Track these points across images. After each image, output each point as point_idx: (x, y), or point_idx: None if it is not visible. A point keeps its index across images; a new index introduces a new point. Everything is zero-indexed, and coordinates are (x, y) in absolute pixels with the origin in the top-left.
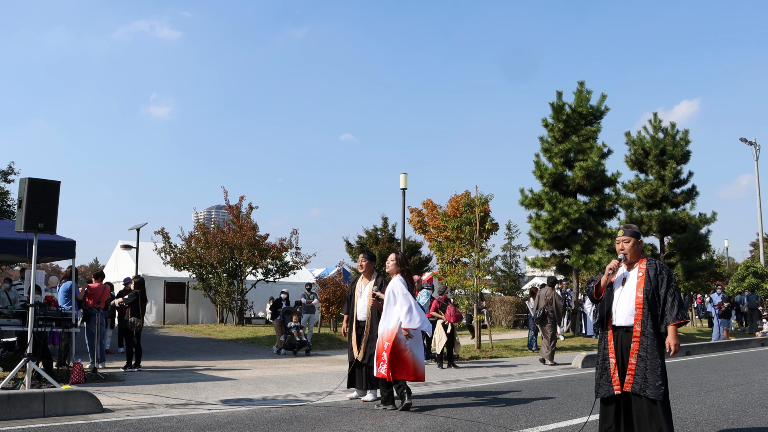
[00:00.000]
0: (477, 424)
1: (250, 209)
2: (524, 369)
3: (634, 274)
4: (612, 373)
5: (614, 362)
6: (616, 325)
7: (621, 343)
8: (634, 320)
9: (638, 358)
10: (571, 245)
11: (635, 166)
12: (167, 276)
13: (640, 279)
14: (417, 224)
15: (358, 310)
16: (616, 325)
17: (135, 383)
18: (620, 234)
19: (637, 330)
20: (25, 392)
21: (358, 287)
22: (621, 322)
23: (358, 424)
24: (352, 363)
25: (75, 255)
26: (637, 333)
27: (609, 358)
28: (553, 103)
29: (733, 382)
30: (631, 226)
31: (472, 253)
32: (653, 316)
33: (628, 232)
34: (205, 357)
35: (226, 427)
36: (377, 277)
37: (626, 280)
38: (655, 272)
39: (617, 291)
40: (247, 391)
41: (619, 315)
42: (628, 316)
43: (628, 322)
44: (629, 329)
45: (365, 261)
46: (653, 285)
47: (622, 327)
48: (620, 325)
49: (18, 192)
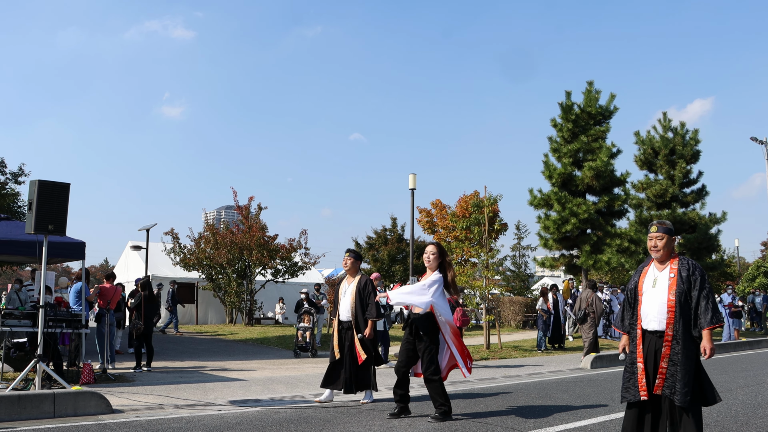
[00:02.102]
0: (485, 425)
1: (259, 210)
2: (533, 370)
3: (666, 275)
4: (639, 378)
5: (642, 367)
6: (646, 329)
7: (652, 348)
8: (666, 324)
9: (669, 363)
10: (580, 245)
11: (645, 165)
12: (177, 276)
13: (672, 280)
14: (426, 224)
15: (341, 310)
16: (647, 329)
17: (144, 384)
18: (653, 230)
19: (669, 334)
20: (36, 393)
21: (342, 287)
22: (653, 326)
23: (366, 425)
24: (331, 363)
25: (85, 256)
26: (669, 337)
27: (637, 362)
28: (561, 103)
29: (743, 383)
30: (664, 222)
31: (481, 253)
32: (685, 319)
33: (662, 228)
34: (214, 357)
35: (234, 427)
36: (360, 276)
37: (657, 281)
38: (688, 273)
39: (647, 293)
40: (256, 392)
41: (650, 319)
42: (660, 320)
43: (660, 326)
44: (661, 334)
45: (350, 260)
46: (685, 286)
47: (654, 332)
48: (651, 330)
49: (28, 194)
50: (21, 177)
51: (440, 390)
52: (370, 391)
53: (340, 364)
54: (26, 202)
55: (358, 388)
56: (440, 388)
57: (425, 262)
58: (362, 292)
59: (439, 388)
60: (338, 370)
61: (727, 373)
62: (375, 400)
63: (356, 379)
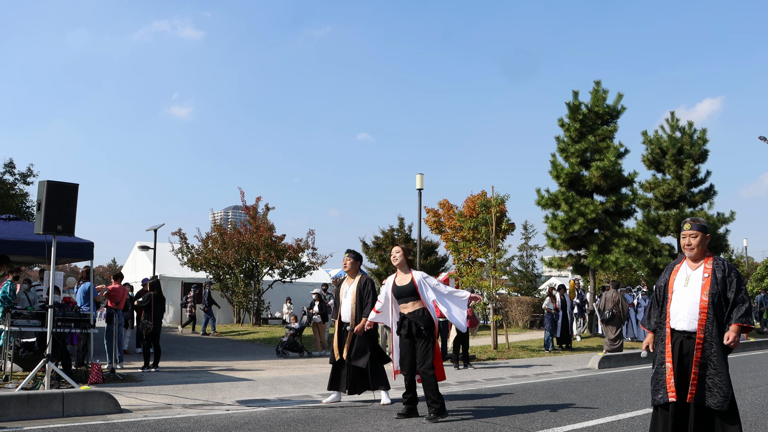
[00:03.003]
0: (493, 425)
1: (266, 210)
2: (541, 370)
3: (699, 274)
4: (668, 379)
5: (670, 367)
6: (675, 329)
7: (681, 349)
8: (698, 325)
9: (700, 367)
10: (587, 245)
11: (652, 165)
12: (184, 276)
13: (705, 280)
14: (433, 225)
15: (342, 311)
16: (676, 329)
17: (152, 384)
18: (686, 228)
19: (700, 336)
20: (45, 392)
21: (343, 288)
22: (682, 326)
23: (374, 425)
24: (333, 365)
25: (93, 256)
26: (700, 340)
27: (665, 362)
28: (569, 103)
29: (751, 383)
30: (698, 219)
31: (488, 253)
32: (719, 321)
33: (696, 225)
34: (221, 357)
35: (242, 427)
36: (360, 277)
37: (689, 280)
38: (723, 274)
39: (678, 291)
40: (263, 392)
41: (680, 318)
42: (691, 320)
43: (691, 327)
44: (692, 335)
45: (350, 260)
46: (720, 288)
47: (683, 332)
48: (681, 330)
49: (37, 194)
50: (30, 177)
51: (435, 387)
52: (386, 392)
53: (341, 365)
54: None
55: (364, 388)
56: (435, 385)
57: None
58: (362, 292)
59: (434, 384)
60: (341, 371)
61: (735, 374)
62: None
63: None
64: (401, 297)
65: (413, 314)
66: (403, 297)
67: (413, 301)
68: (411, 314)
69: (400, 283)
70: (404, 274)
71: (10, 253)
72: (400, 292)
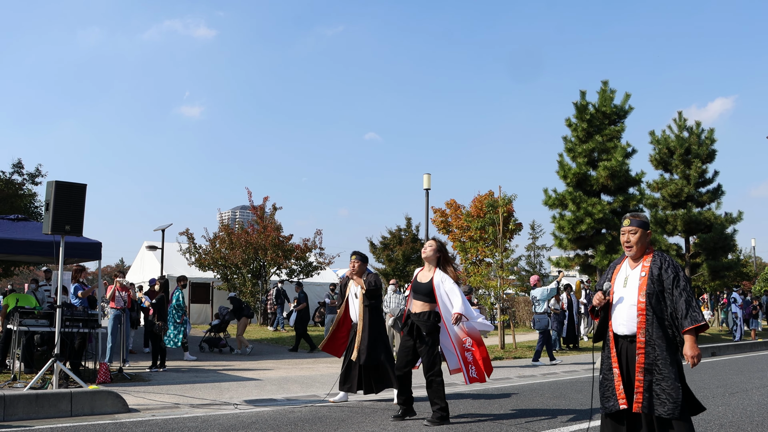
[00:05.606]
0: (500, 424)
1: (274, 210)
2: (547, 369)
3: (637, 274)
4: (616, 385)
5: (618, 372)
6: (617, 334)
7: (625, 354)
8: (637, 328)
9: (645, 373)
10: (595, 245)
11: (660, 165)
12: (192, 276)
13: (642, 279)
14: (440, 224)
15: (352, 313)
16: (618, 333)
17: (160, 383)
18: (626, 224)
19: (641, 340)
20: (53, 392)
21: (350, 288)
22: (622, 330)
23: (381, 424)
24: (346, 364)
25: (101, 256)
26: (642, 343)
27: (613, 368)
28: (576, 103)
29: (758, 383)
30: (638, 214)
31: (495, 253)
32: (660, 321)
33: (636, 221)
34: (228, 357)
35: (250, 427)
36: (367, 276)
37: (627, 280)
38: (660, 269)
39: (617, 293)
40: (271, 392)
41: (620, 322)
42: (630, 324)
43: (631, 330)
44: (633, 339)
45: (358, 262)
46: (657, 287)
47: (624, 336)
48: (623, 334)
49: (45, 195)
50: (38, 178)
51: (441, 393)
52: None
53: (353, 365)
54: (43, 203)
55: (383, 386)
56: (441, 391)
57: (422, 254)
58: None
59: (440, 390)
60: (352, 371)
61: (743, 374)
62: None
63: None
64: (416, 293)
65: (418, 316)
66: (418, 294)
67: (424, 301)
68: (416, 315)
69: (421, 279)
70: (428, 271)
71: (19, 253)
72: (418, 288)
